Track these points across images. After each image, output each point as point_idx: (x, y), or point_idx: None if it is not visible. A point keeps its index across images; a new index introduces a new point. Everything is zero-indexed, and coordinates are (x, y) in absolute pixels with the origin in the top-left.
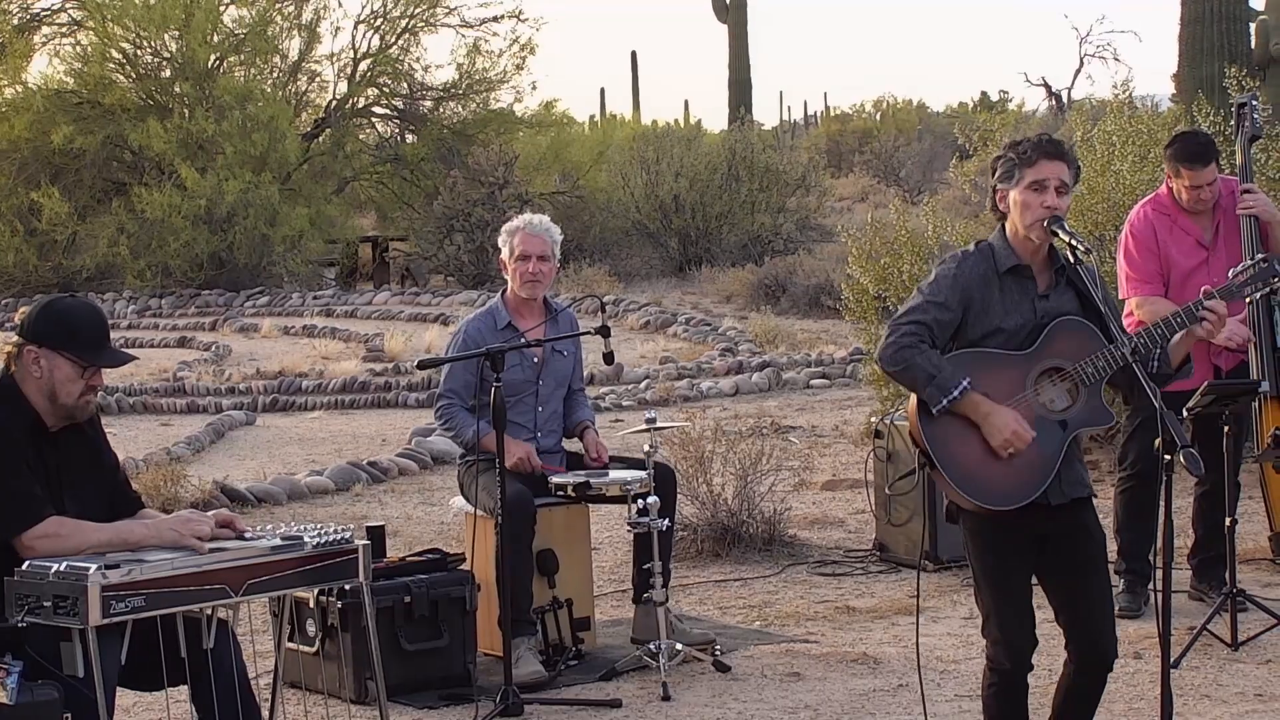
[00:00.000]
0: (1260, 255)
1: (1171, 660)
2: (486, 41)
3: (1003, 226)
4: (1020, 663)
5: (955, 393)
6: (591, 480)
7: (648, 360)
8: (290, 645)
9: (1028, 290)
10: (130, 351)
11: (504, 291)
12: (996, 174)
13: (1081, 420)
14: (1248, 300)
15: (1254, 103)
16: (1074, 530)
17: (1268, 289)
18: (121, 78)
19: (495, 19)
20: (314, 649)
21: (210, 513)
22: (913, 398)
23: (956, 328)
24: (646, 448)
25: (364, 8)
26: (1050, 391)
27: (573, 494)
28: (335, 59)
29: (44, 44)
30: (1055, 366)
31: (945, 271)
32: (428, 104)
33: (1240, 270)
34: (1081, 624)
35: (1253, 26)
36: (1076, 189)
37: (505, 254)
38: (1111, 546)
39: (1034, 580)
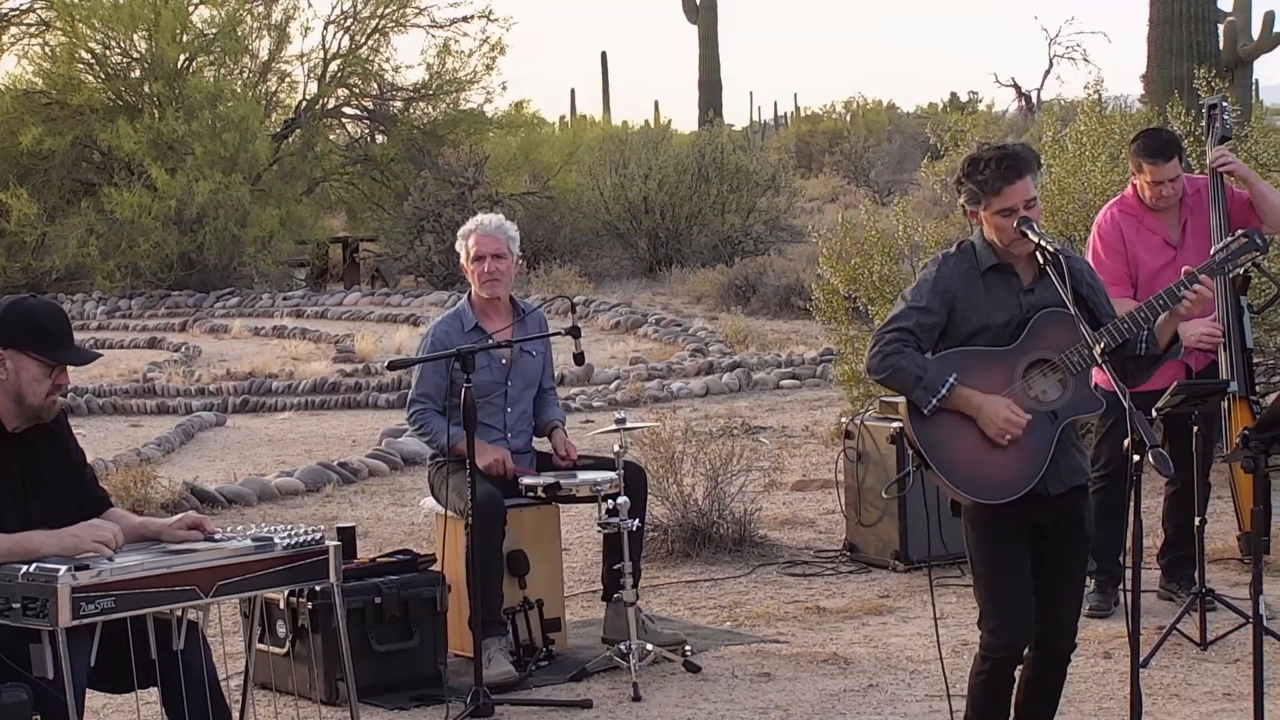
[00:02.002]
0: (1240, 230)
1: (1141, 660)
2: (456, 42)
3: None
4: (1014, 653)
5: (944, 390)
6: (562, 481)
7: (618, 361)
8: (261, 646)
9: (1012, 286)
10: (97, 350)
11: (469, 294)
12: (963, 197)
13: (1072, 409)
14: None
15: (1224, 104)
16: (1070, 523)
17: (1250, 263)
18: (90, 78)
19: (465, 19)
20: (284, 650)
21: (179, 515)
22: (904, 401)
23: (944, 329)
24: (617, 448)
25: (334, 8)
26: (1042, 384)
27: (543, 495)
28: (305, 59)
29: (12, 44)
30: (1042, 358)
31: (926, 275)
32: (398, 104)
33: (1221, 246)
34: (1052, 617)
35: (1221, 28)
36: (1041, 177)
37: (462, 258)
38: None
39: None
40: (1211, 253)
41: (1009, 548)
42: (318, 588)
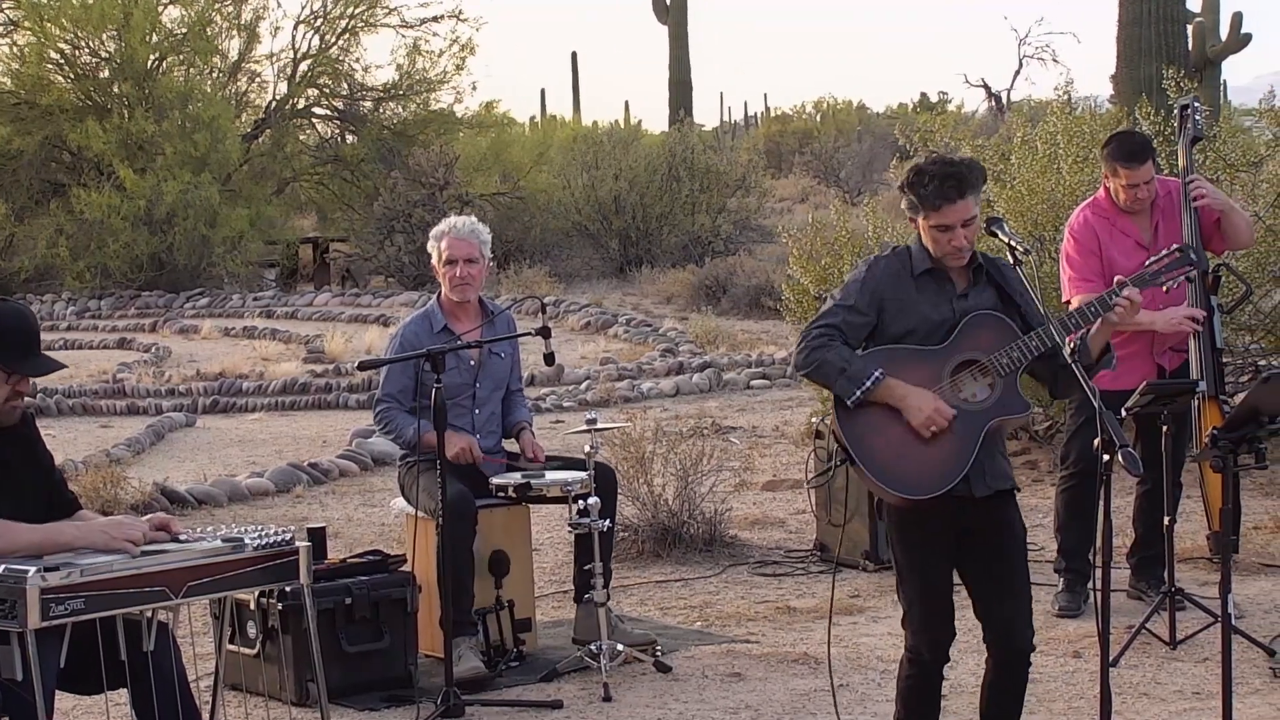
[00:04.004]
0: (1175, 245)
1: (1111, 659)
2: (426, 42)
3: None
4: (938, 655)
5: (868, 382)
6: (532, 481)
7: (588, 361)
8: (231, 647)
9: (946, 290)
10: (61, 359)
11: (438, 295)
12: (905, 204)
13: (997, 410)
14: (1195, 294)
15: (1196, 104)
16: (996, 524)
17: (1182, 277)
18: (60, 78)
19: (435, 19)
20: (255, 651)
21: (146, 516)
22: (833, 395)
23: (873, 331)
24: (587, 448)
25: (304, 8)
26: (970, 385)
27: (514, 495)
28: (275, 59)
29: None
30: (970, 359)
31: (855, 276)
32: (368, 104)
33: (1156, 259)
34: (999, 616)
35: (1190, 28)
36: (986, 192)
37: (434, 260)
38: (1052, 546)
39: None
40: (1145, 264)
41: (932, 548)
42: (288, 588)
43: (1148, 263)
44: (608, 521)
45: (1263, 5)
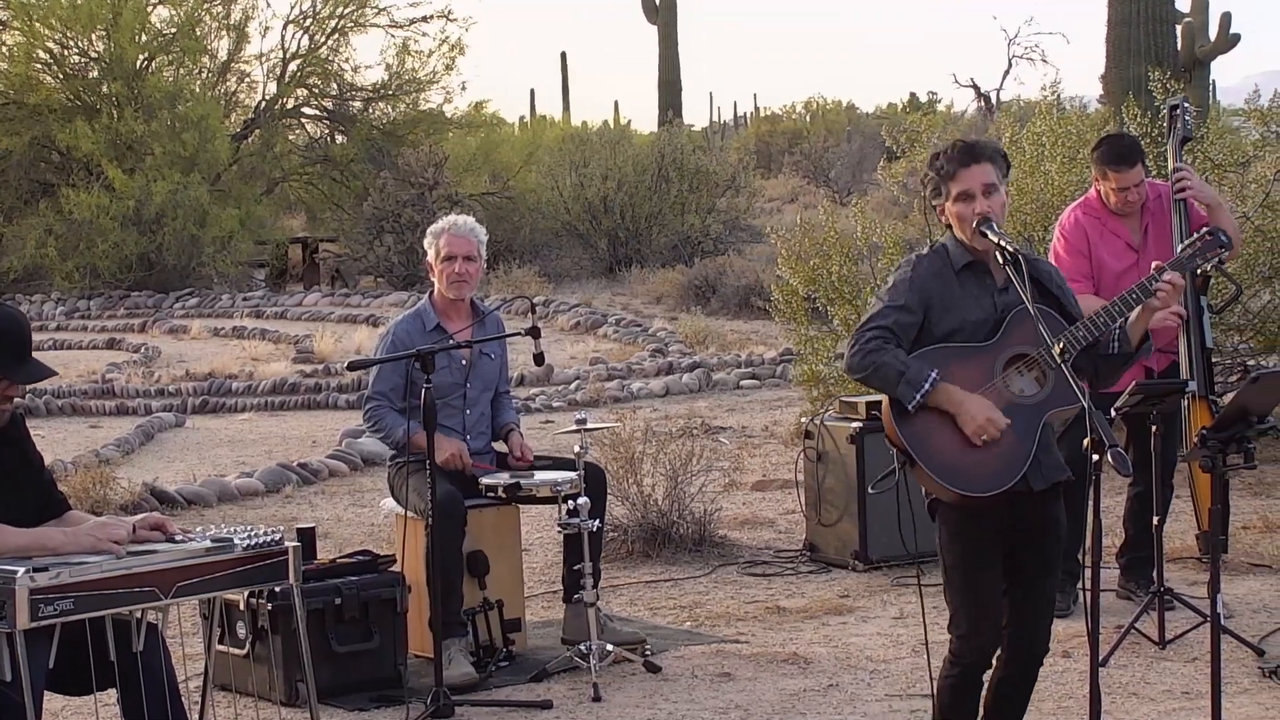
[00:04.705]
0: (1206, 228)
1: (1100, 659)
2: (416, 42)
3: (952, 229)
4: (983, 658)
5: (927, 385)
6: (522, 481)
7: (578, 361)
8: (220, 648)
9: (986, 285)
10: (50, 360)
11: (431, 293)
12: (927, 192)
13: (1052, 403)
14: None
15: (1185, 104)
16: (1045, 524)
17: (1215, 259)
18: (48, 78)
19: (424, 19)
20: (244, 651)
21: (139, 515)
22: (885, 400)
23: (920, 329)
24: (577, 448)
25: (293, 8)
26: (1020, 381)
27: (503, 495)
28: (264, 59)
29: None
30: (1020, 354)
31: (902, 276)
32: (357, 104)
33: (1187, 244)
34: (1026, 619)
35: (1179, 29)
36: (1008, 179)
37: (431, 255)
38: None
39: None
40: (1178, 250)
41: (984, 550)
42: (277, 589)
43: (1179, 248)
44: (597, 522)
45: (1251, 6)
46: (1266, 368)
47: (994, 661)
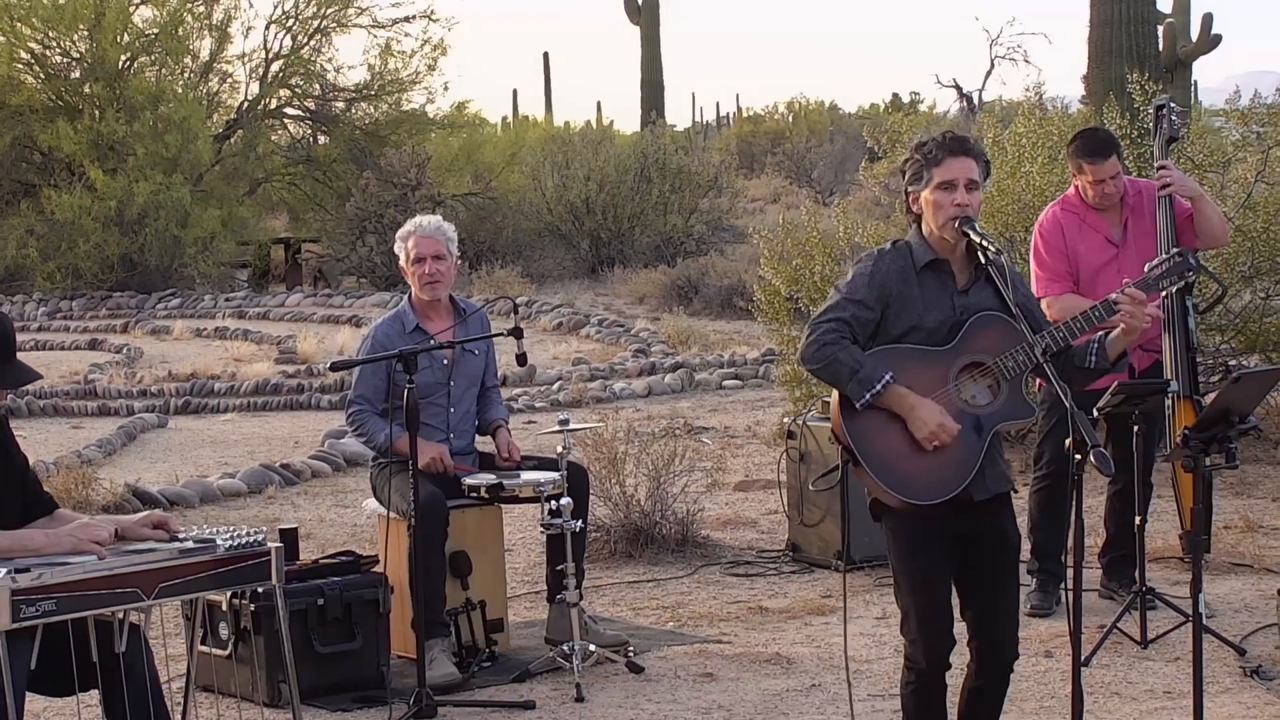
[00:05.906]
0: (1175, 249)
1: (1082, 658)
2: (398, 42)
3: (919, 225)
4: (938, 662)
5: (879, 386)
6: (505, 482)
7: (560, 361)
8: (203, 648)
9: (947, 286)
10: (32, 360)
11: (409, 296)
12: (906, 176)
13: (1003, 415)
14: (1164, 294)
15: (1171, 104)
16: (993, 532)
17: (1182, 282)
18: (30, 78)
19: (407, 19)
20: (227, 652)
21: (143, 513)
22: (835, 394)
23: (877, 325)
24: (560, 449)
25: (275, 8)
26: (971, 388)
27: (486, 495)
28: (247, 59)
29: None
30: (976, 361)
31: (862, 270)
32: (340, 105)
33: (1156, 264)
34: (989, 626)
35: (1160, 29)
36: (987, 185)
37: (402, 260)
38: (1025, 546)
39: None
40: (1146, 269)
41: (930, 554)
42: (260, 589)
43: (1147, 267)
44: (580, 522)
45: (1233, 6)
46: (1248, 368)
47: (967, 668)
